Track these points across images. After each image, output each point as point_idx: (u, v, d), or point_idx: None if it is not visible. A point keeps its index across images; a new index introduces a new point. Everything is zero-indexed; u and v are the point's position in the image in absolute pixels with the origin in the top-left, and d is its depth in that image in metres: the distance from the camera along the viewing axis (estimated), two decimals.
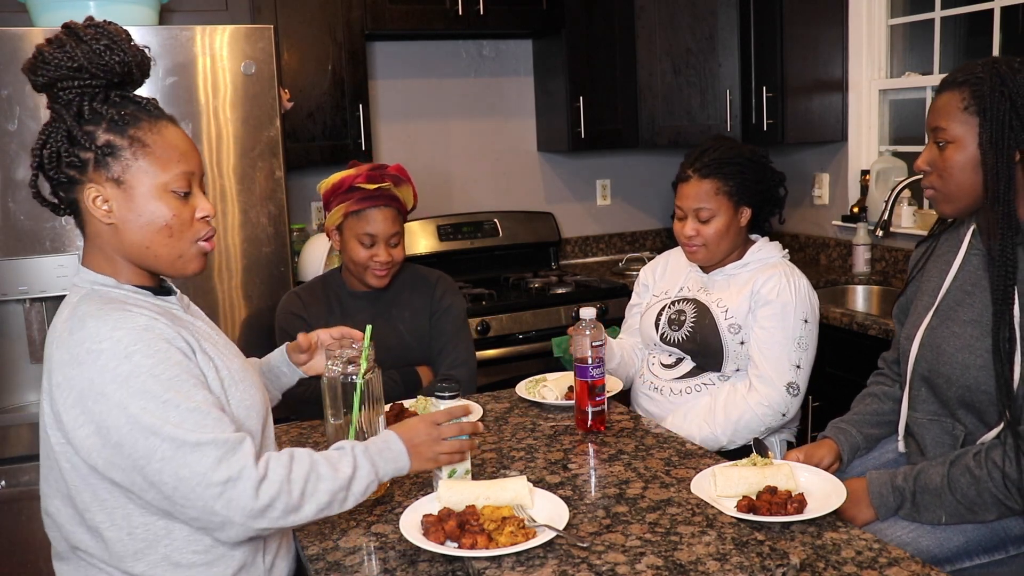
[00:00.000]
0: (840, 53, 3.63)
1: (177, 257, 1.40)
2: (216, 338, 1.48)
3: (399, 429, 1.50)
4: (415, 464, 1.49)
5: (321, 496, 1.34)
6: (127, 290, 1.39)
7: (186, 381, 1.30)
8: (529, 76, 4.12)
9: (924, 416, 1.77)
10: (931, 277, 1.83)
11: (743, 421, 2.14)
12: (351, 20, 3.40)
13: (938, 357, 1.71)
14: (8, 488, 2.67)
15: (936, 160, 1.67)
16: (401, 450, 1.46)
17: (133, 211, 1.35)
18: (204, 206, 1.41)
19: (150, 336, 1.30)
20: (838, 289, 3.53)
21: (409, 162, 3.96)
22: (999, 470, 1.57)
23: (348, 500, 1.38)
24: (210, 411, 1.29)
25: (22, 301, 2.63)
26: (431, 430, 1.52)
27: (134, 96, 1.39)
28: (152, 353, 1.28)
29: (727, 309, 2.23)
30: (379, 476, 1.42)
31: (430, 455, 1.51)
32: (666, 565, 1.34)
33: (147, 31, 2.71)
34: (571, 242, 4.29)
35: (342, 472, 1.37)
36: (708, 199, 2.22)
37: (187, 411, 1.27)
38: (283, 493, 1.29)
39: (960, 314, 1.70)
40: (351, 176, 2.31)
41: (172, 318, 1.39)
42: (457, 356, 2.39)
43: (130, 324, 1.30)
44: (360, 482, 1.39)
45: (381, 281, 2.36)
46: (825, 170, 3.86)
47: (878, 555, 1.36)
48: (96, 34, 1.35)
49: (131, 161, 1.34)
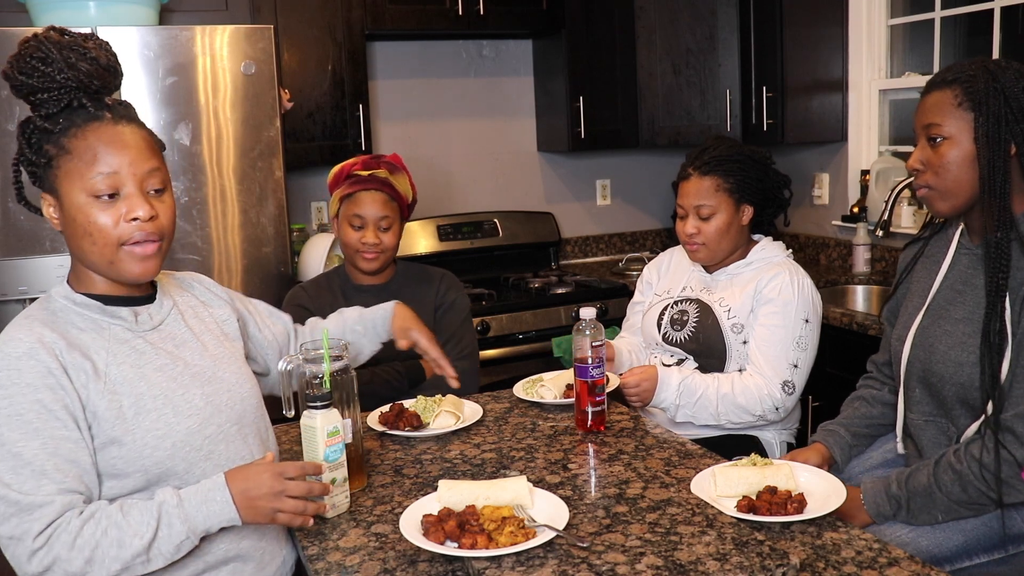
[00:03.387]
0: (840, 53, 3.64)
1: (108, 264, 1.38)
2: (172, 351, 1.45)
3: (236, 476, 1.36)
4: (246, 517, 1.36)
5: (111, 564, 1.27)
6: (72, 300, 1.40)
7: (28, 423, 1.28)
8: (529, 76, 4.12)
9: (920, 417, 1.77)
10: (920, 278, 1.83)
11: (738, 397, 2.15)
12: (351, 20, 3.40)
13: (931, 356, 1.71)
14: None
15: (930, 158, 1.67)
16: (226, 501, 1.34)
17: (64, 219, 1.38)
18: (135, 207, 1.35)
19: (22, 364, 1.30)
20: (838, 289, 3.53)
21: (409, 162, 3.94)
22: (977, 462, 1.58)
23: (153, 562, 1.31)
24: (31, 462, 1.27)
25: (22, 301, 2.63)
26: (275, 483, 1.36)
27: (101, 100, 1.38)
28: (9, 384, 1.29)
29: (730, 309, 2.23)
30: (195, 532, 1.33)
31: (267, 511, 1.36)
32: (666, 565, 1.34)
33: (147, 31, 2.71)
34: (571, 242, 4.29)
35: (140, 539, 1.28)
36: (709, 196, 2.22)
37: (6, 455, 1.27)
38: (60, 561, 1.25)
39: (952, 312, 1.71)
40: (349, 164, 2.39)
41: (94, 337, 1.38)
42: (462, 349, 2.41)
43: (9, 349, 1.31)
44: (166, 543, 1.31)
45: (371, 264, 2.39)
46: (825, 170, 3.86)
47: (878, 555, 1.36)
48: (35, 52, 1.34)
49: (58, 170, 1.35)
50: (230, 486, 1.35)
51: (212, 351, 1.53)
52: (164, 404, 1.40)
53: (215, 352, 1.53)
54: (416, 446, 1.91)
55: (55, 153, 1.34)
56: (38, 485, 1.27)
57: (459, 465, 1.79)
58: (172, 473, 1.39)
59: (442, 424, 1.98)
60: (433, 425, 1.98)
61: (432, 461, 1.82)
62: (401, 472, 1.77)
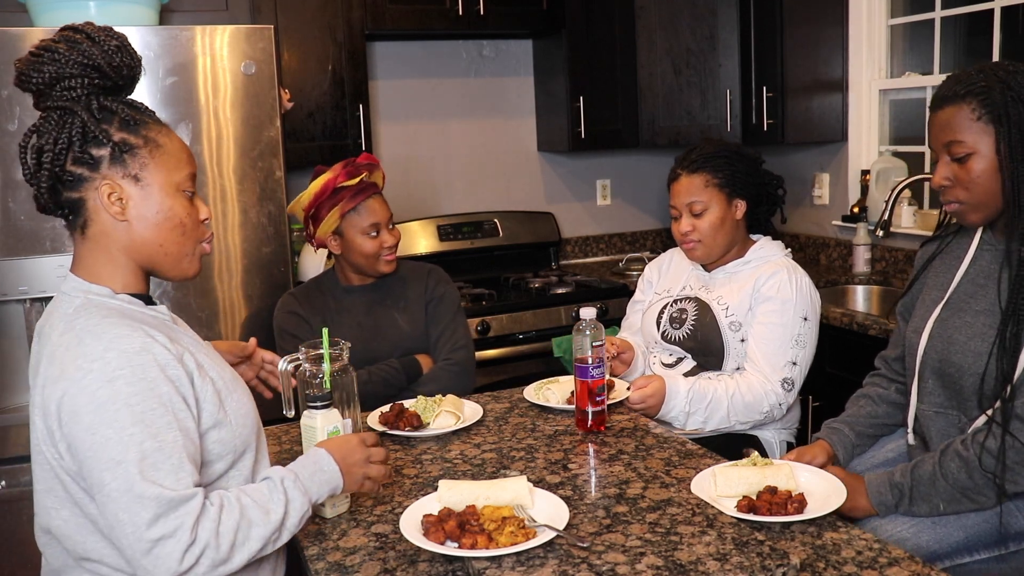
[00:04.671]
0: (840, 53, 3.63)
1: (184, 256, 1.43)
2: (204, 348, 1.48)
3: (333, 446, 1.47)
4: (347, 483, 1.46)
5: (253, 544, 1.31)
6: (121, 300, 1.39)
7: (161, 416, 1.28)
8: (529, 76, 4.12)
9: (930, 408, 1.78)
10: (939, 273, 1.83)
11: (746, 396, 2.15)
12: (351, 20, 3.40)
13: (949, 347, 1.72)
14: (8, 488, 2.67)
15: (957, 173, 1.67)
16: (334, 469, 1.44)
17: (149, 208, 1.38)
18: (204, 209, 1.47)
19: (141, 361, 1.29)
20: (838, 289, 3.53)
21: (409, 162, 3.98)
22: (983, 448, 1.59)
23: (283, 537, 1.36)
24: (171, 455, 1.27)
25: (22, 301, 2.63)
26: (363, 451, 1.49)
27: (135, 101, 1.42)
28: (136, 381, 1.28)
29: (728, 307, 2.23)
30: (312, 501, 1.40)
31: (359, 476, 1.48)
32: (666, 565, 1.34)
33: (147, 31, 2.71)
34: (571, 242, 4.29)
35: (274, 514, 1.33)
36: (699, 192, 2.24)
37: (150, 450, 1.26)
38: (209, 549, 1.26)
39: (972, 305, 1.71)
40: (331, 180, 2.35)
41: (169, 332, 1.39)
42: (456, 340, 2.42)
43: (124, 345, 1.29)
44: (294, 516, 1.36)
45: (392, 265, 2.43)
46: (825, 170, 3.86)
47: (878, 555, 1.36)
48: (106, 36, 1.37)
49: (147, 159, 1.38)
50: (333, 455, 1.44)
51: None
52: (235, 386, 1.46)
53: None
54: (416, 446, 1.91)
55: (139, 143, 1.36)
56: (179, 479, 1.27)
57: (459, 465, 1.79)
58: (250, 450, 1.45)
59: (442, 424, 1.98)
60: (433, 425, 1.98)
61: (432, 461, 1.82)
62: (401, 472, 1.77)
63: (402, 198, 3.88)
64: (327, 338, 1.68)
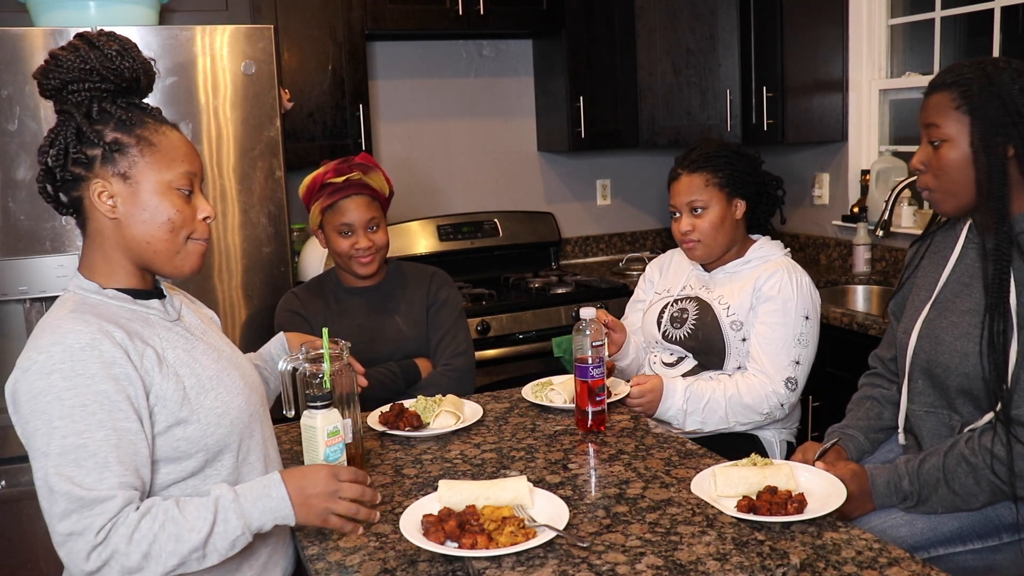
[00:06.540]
0: (840, 53, 3.63)
1: (175, 254, 1.43)
2: (202, 338, 1.49)
3: (292, 474, 1.39)
4: (300, 515, 1.36)
5: (169, 559, 1.27)
6: (105, 296, 1.41)
7: (93, 414, 1.28)
8: (529, 76, 4.12)
9: (921, 408, 1.78)
10: (927, 272, 1.84)
11: (745, 397, 2.15)
12: (351, 20, 3.40)
13: (937, 347, 1.72)
14: (8, 488, 2.67)
15: (931, 159, 1.69)
16: (283, 498, 1.35)
17: (138, 206, 1.39)
18: (205, 207, 1.46)
19: (83, 356, 1.30)
20: (838, 289, 3.53)
21: (409, 162, 3.98)
22: (990, 454, 1.59)
23: (208, 558, 1.31)
24: (95, 453, 1.27)
25: (22, 301, 2.63)
26: (330, 483, 1.39)
27: (140, 103, 1.44)
28: (72, 376, 1.29)
29: (729, 306, 2.23)
30: (250, 528, 1.33)
31: (320, 510, 1.38)
32: (666, 565, 1.34)
33: (147, 31, 2.71)
34: (571, 242, 4.29)
35: (198, 532, 1.29)
36: (699, 191, 2.24)
37: (71, 446, 1.26)
38: (119, 555, 1.25)
39: (959, 304, 1.72)
40: (321, 175, 2.38)
41: (143, 326, 1.40)
42: (457, 346, 2.41)
43: (71, 340, 1.30)
44: (221, 539, 1.31)
45: (368, 268, 2.39)
46: (825, 170, 3.86)
47: (878, 555, 1.36)
48: (108, 40, 1.40)
49: (138, 158, 1.38)
50: (286, 483, 1.36)
51: (222, 339, 1.58)
52: (218, 384, 1.44)
53: (224, 340, 1.59)
54: (416, 446, 1.91)
55: (131, 142, 1.38)
56: (100, 478, 1.27)
57: (459, 465, 1.79)
58: (228, 450, 1.43)
59: (442, 424, 1.98)
60: (433, 425, 1.98)
61: (432, 461, 1.82)
62: (401, 472, 1.77)
63: (402, 198, 3.88)
64: (327, 338, 1.68)
